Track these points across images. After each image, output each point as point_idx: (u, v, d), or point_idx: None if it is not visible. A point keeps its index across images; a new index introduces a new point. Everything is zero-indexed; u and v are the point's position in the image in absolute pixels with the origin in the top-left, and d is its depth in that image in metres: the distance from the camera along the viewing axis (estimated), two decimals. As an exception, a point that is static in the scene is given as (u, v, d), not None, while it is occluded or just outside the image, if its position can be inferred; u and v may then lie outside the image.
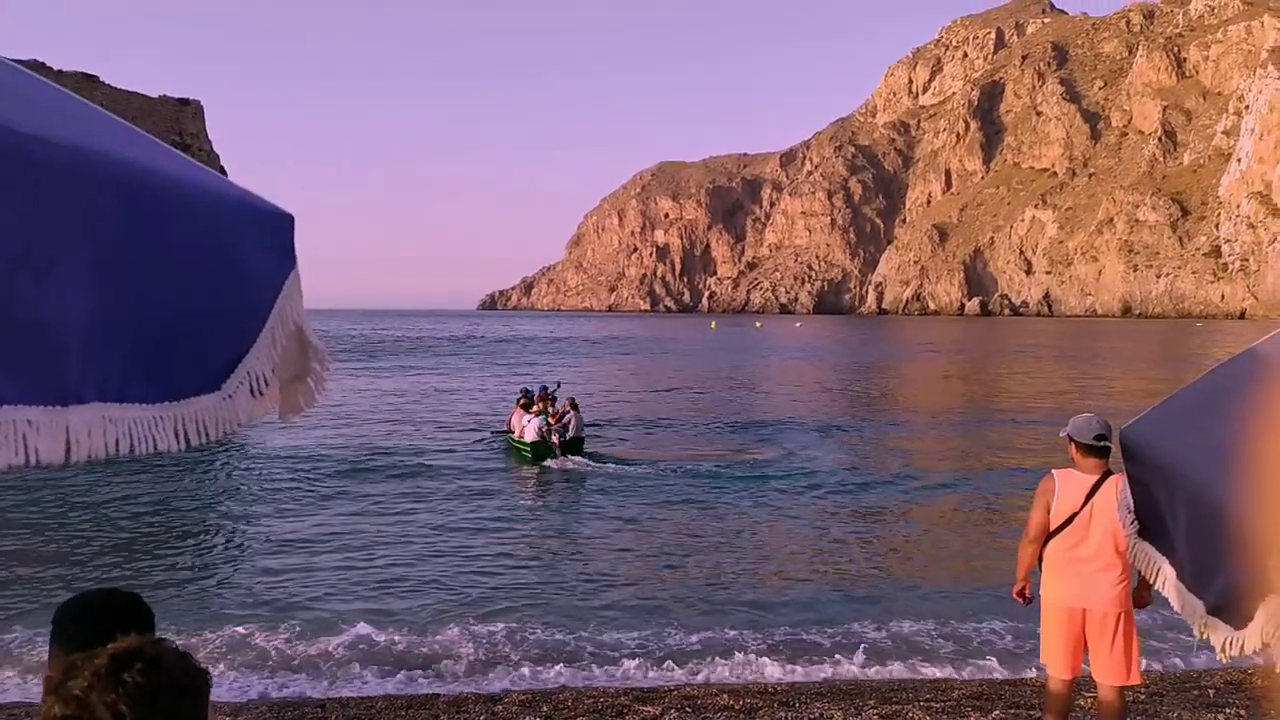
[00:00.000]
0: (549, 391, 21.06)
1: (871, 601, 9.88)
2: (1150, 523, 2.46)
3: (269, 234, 2.02)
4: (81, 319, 1.63)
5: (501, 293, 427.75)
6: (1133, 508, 2.53)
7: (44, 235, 1.55)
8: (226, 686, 7.33)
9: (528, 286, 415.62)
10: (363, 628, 8.78)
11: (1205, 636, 2.15)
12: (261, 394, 1.98)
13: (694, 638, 8.68)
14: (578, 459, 18.68)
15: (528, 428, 19.22)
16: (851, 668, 8.01)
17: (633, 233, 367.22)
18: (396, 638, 8.61)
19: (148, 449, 1.72)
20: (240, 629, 8.74)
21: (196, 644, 8.38)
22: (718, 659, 8.16)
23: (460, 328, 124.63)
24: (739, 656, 8.20)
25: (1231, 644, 2.03)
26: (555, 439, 18.80)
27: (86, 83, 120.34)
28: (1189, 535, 2.24)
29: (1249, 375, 2.34)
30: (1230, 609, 2.03)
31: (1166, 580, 2.39)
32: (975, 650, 8.40)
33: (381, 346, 71.75)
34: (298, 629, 8.77)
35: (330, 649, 8.30)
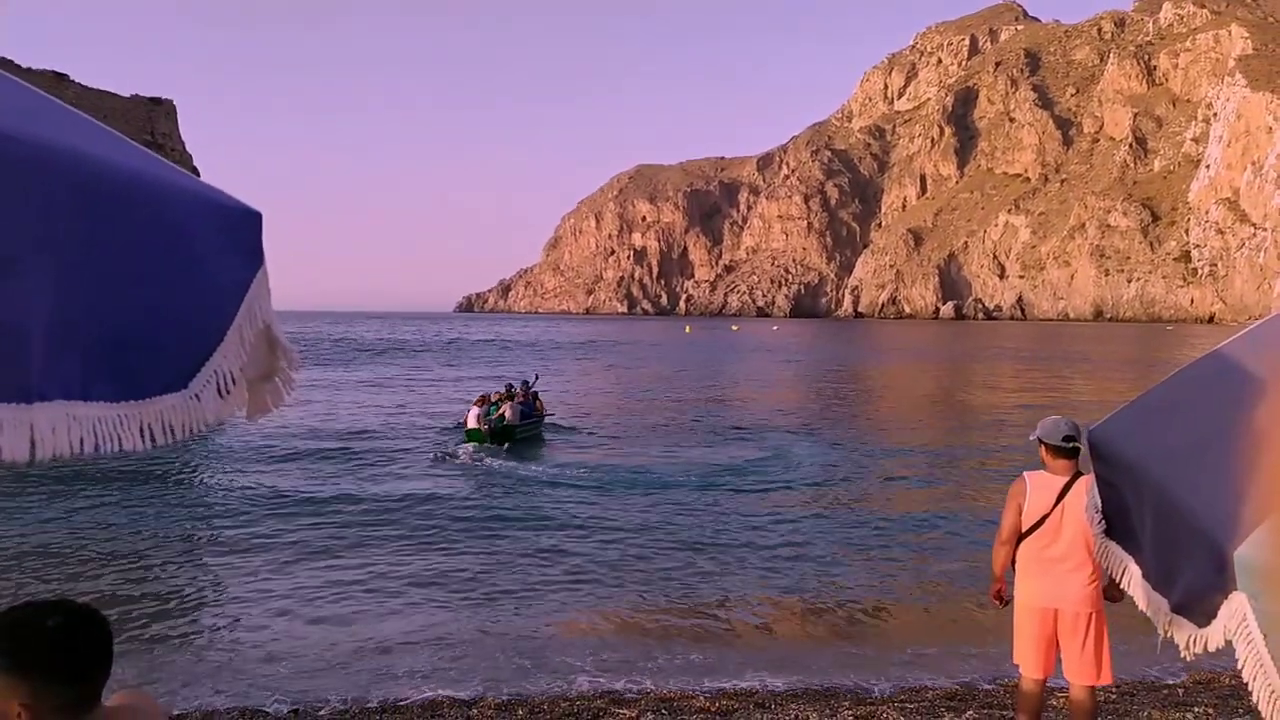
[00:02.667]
0: (529, 386, 23.63)
1: (845, 603, 9.91)
2: (1117, 522, 2.48)
3: (236, 232, 2.00)
4: (44, 317, 1.61)
5: (479, 295, 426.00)
6: (1100, 507, 2.55)
7: (4, 233, 1.54)
8: (184, 696, 7.23)
9: (505, 289, 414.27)
10: (332, 633, 8.70)
11: (1170, 635, 2.18)
12: (229, 393, 1.96)
13: (666, 641, 8.67)
14: (476, 452, 19.75)
15: (470, 415, 21.40)
16: (827, 670, 8.03)
17: (610, 235, 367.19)
18: (366, 643, 8.54)
19: (113, 448, 1.71)
20: (203, 638, 8.63)
21: (159, 653, 8.28)
22: (692, 662, 8.16)
23: (444, 330, 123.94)
24: (713, 658, 8.20)
25: (1195, 642, 2.05)
26: (485, 426, 20.66)
27: (57, 81, 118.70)
28: (1154, 534, 2.26)
29: (1214, 376, 2.36)
30: (1194, 607, 2.05)
31: (1132, 579, 2.40)
32: (949, 651, 8.45)
33: (374, 349, 71.28)
34: (264, 637, 8.67)
35: (299, 656, 8.22)
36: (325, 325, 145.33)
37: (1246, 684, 1.84)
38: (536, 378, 26.45)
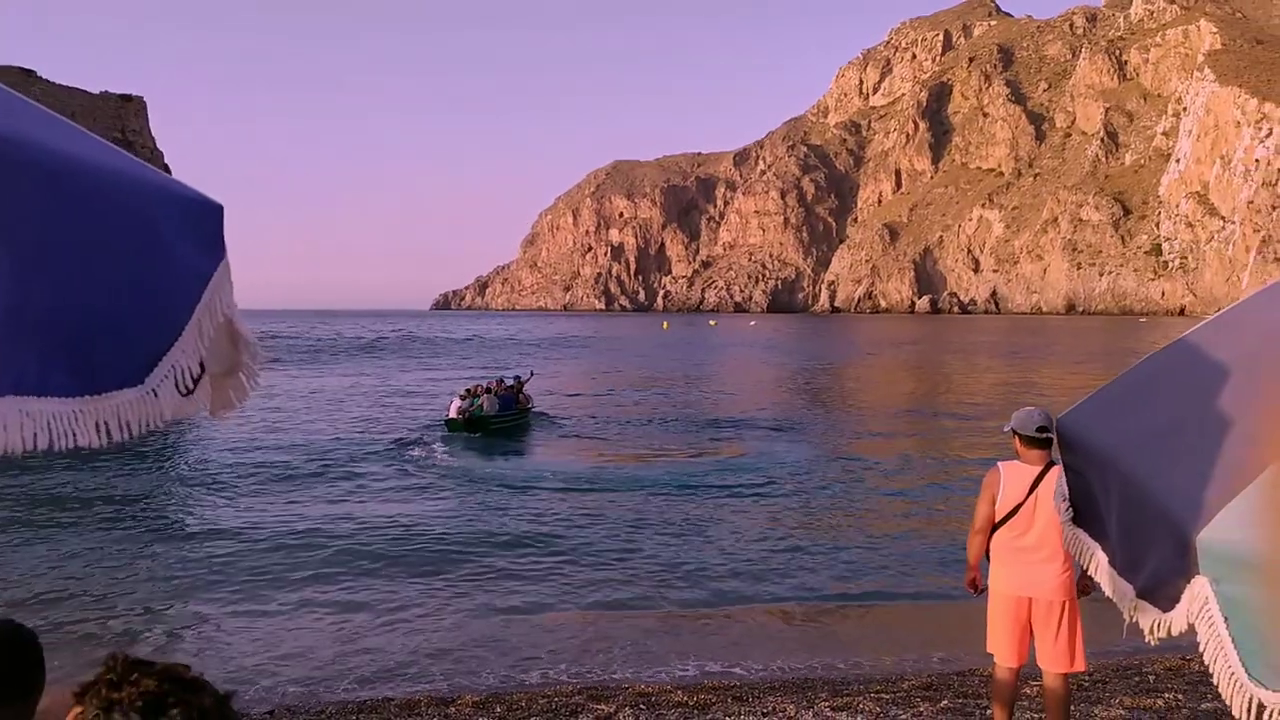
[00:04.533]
0: (520, 380, 25.54)
1: (822, 595, 9.96)
2: (1084, 510, 2.50)
3: (197, 225, 1.97)
4: None
5: (455, 292, 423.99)
6: (1067, 496, 2.57)
7: None
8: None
9: (482, 286, 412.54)
10: (309, 631, 8.63)
11: (1135, 619, 2.20)
12: (188, 389, 1.91)
13: (645, 636, 8.68)
14: (446, 446, 20.56)
15: (452, 406, 22.76)
16: (804, 660, 8.06)
17: (587, 232, 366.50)
18: (344, 642, 8.48)
19: (67, 443, 1.67)
20: (181, 637, 8.54)
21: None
22: (670, 656, 8.17)
23: (421, 328, 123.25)
24: (691, 652, 8.21)
25: (1159, 626, 2.07)
26: (461, 416, 21.96)
27: (23, 77, 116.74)
28: (1119, 521, 2.28)
29: (1176, 365, 2.40)
30: (1158, 592, 2.07)
31: (1099, 565, 2.42)
32: (924, 641, 8.51)
33: (349, 348, 70.75)
34: (237, 639, 8.60)
35: (275, 654, 8.15)
36: (301, 324, 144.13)
37: (1208, 666, 1.85)
38: (531, 374, 27.58)
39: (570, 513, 14.04)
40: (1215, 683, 1.83)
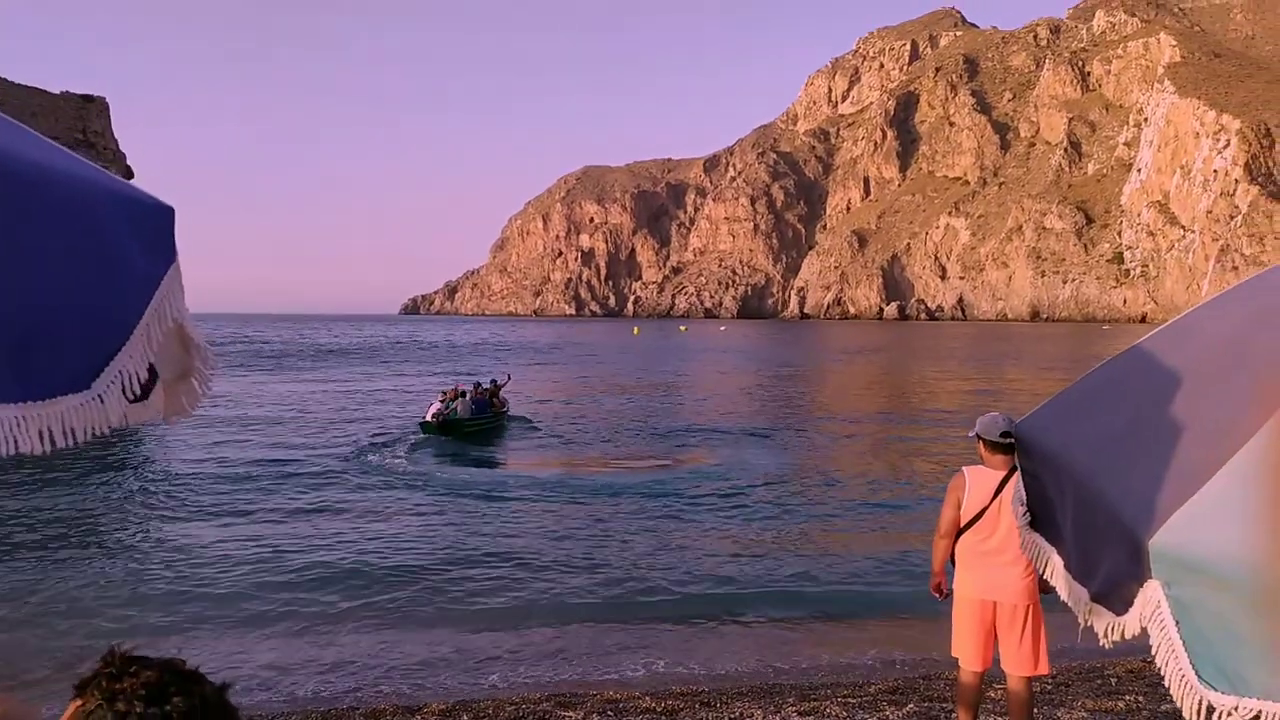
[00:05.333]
0: (498, 384, 26.21)
1: (790, 600, 9.98)
2: (1040, 514, 2.53)
3: (147, 227, 1.93)
4: None
5: (424, 297, 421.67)
6: (1025, 500, 2.60)
7: None
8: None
9: (451, 290, 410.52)
10: (272, 639, 8.51)
11: (1089, 623, 2.22)
12: (136, 394, 1.87)
13: (612, 643, 8.65)
14: (414, 450, 20.75)
15: (429, 410, 23.18)
16: (771, 666, 8.07)
17: (557, 237, 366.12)
18: (306, 651, 8.37)
19: (8, 450, 1.63)
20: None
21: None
22: (637, 662, 8.14)
23: (390, 333, 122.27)
24: (659, 659, 8.20)
25: (1113, 629, 2.10)
26: (436, 419, 22.32)
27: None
28: (1074, 525, 2.30)
29: (1132, 371, 2.43)
30: (1112, 595, 2.10)
31: (1054, 570, 2.44)
32: (890, 645, 8.56)
33: (318, 353, 69.99)
34: (201, 650, 8.45)
35: (238, 662, 8.02)
36: (267, 329, 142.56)
37: (1160, 669, 1.88)
38: (509, 378, 28.33)
39: (537, 520, 13.97)
40: (1167, 685, 1.87)
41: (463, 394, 23.90)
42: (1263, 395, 1.95)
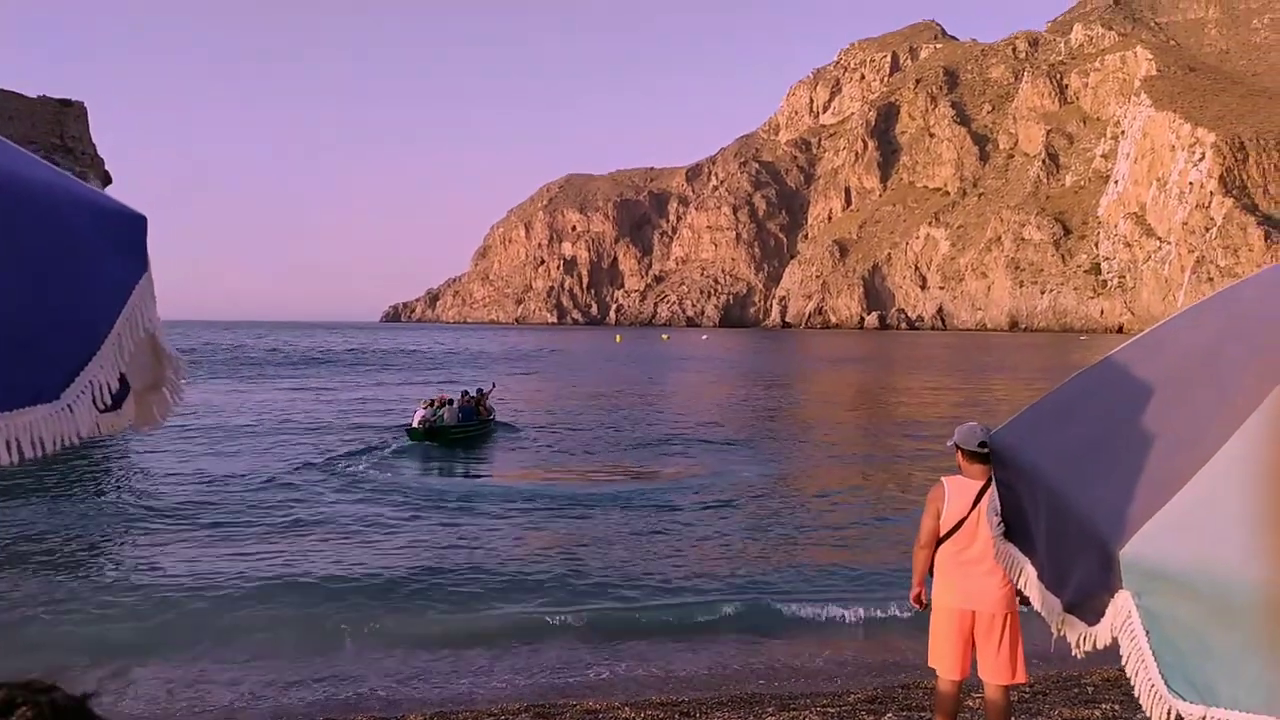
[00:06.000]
0: (484, 392, 26.52)
1: (769, 610, 9.98)
2: (1014, 524, 2.54)
3: (119, 236, 1.92)
4: None
5: (406, 304, 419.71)
6: (999, 510, 2.61)
7: None
8: None
9: (433, 298, 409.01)
10: (249, 652, 8.43)
11: (1062, 633, 2.23)
12: (106, 404, 1.85)
13: (592, 653, 8.62)
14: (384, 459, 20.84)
15: (415, 416, 23.34)
16: (751, 675, 8.07)
17: (540, 245, 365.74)
18: (284, 663, 8.30)
19: None
20: (110, 666, 8.28)
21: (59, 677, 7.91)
22: (617, 672, 8.12)
23: (375, 341, 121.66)
24: (638, 669, 8.18)
25: (1085, 639, 2.10)
26: (423, 426, 22.62)
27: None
28: (1047, 536, 2.31)
29: (1104, 382, 2.46)
30: (1085, 606, 2.10)
31: (1028, 580, 2.45)
32: (868, 654, 8.58)
33: (299, 361, 69.49)
34: (174, 656, 8.36)
35: (212, 676, 7.94)
36: (247, 336, 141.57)
37: (1130, 678, 1.89)
38: (494, 386, 28.84)
39: (517, 531, 13.93)
40: (1137, 695, 1.88)
41: (449, 401, 24.22)
42: (1231, 406, 1.96)
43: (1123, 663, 1.90)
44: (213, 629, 9.21)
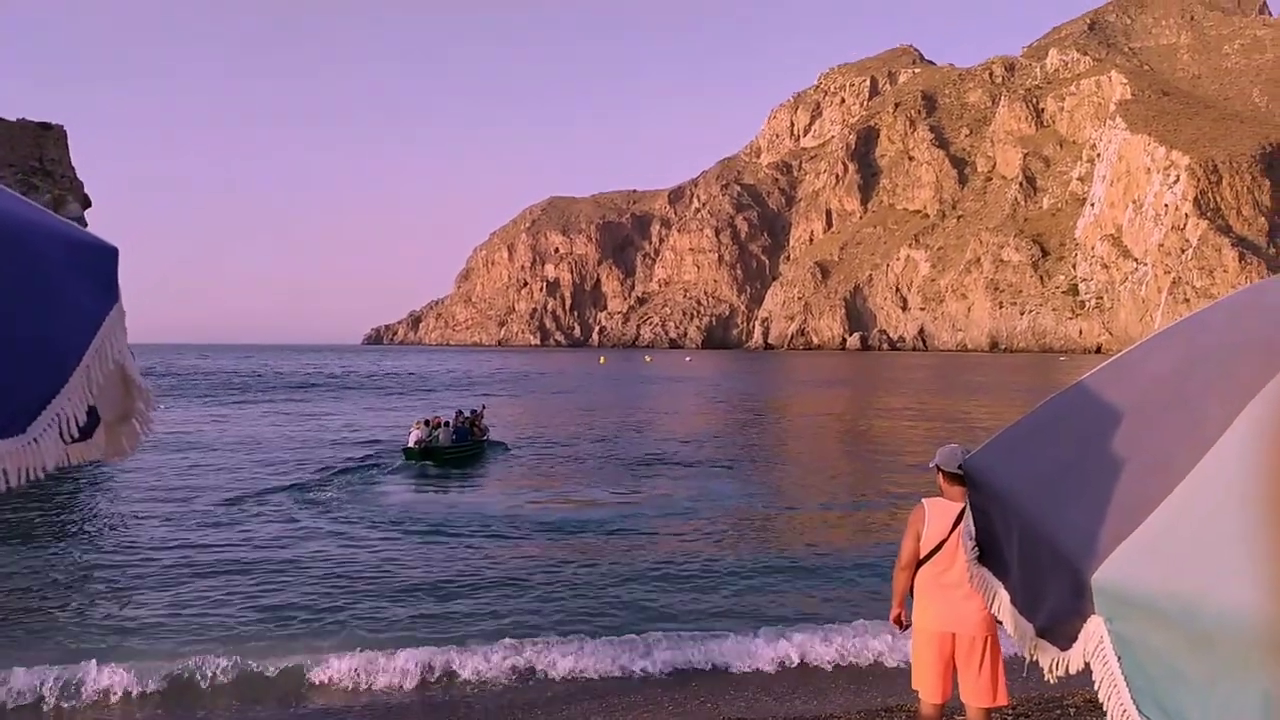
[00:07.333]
0: (476, 413, 27.39)
1: (753, 633, 9.94)
2: (988, 548, 2.55)
3: (89, 268, 1.90)
4: None
5: (388, 327, 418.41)
6: (974, 534, 2.63)
7: None
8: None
9: (415, 321, 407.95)
10: (220, 660, 8.33)
11: (1035, 658, 2.23)
12: (73, 436, 1.83)
13: (574, 679, 8.55)
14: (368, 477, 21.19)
15: (410, 436, 23.97)
16: (735, 701, 8.02)
17: (523, 267, 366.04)
18: (258, 669, 8.19)
19: None
20: (93, 674, 8.15)
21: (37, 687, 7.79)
22: (599, 698, 8.05)
23: (357, 365, 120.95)
24: (621, 696, 8.11)
25: (1058, 664, 2.10)
26: (418, 446, 23.25)
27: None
28: (1021, 560, 2.31)
29: (1077, 406, 2.46)
30: (1057, 630, 2.10)
31: (1001, 604, 2.46)
32: (850, 678, 8.55)
33: (288, 384, 69.00)
34: (158, 670, 8.24)
35: (195, 696, 7.82)
36: (227, 360, 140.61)
37: (1102, 703, 1.89)
38: (484, 408, 29.58)
39: (501, 553, 13.83)
40: (1108, 719, 1.88)
41: (445, 424, 24.82)
42: (1199, 430, 1.96)
43: (1095, 688, 1.90)
44: (189, 649, 9.07)
